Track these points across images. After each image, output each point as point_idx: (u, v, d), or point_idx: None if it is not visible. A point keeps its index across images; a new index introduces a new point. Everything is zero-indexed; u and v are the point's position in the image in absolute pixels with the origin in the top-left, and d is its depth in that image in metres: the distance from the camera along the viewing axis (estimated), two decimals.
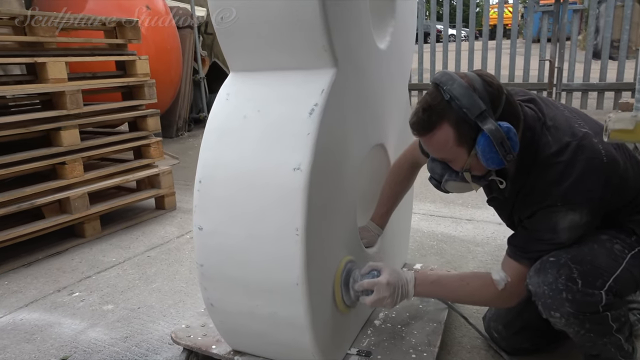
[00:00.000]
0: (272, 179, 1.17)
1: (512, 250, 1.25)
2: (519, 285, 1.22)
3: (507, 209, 1.30)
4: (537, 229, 1.19)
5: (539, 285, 1.16)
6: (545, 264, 1.16)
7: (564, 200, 1.12)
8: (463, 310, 1.72)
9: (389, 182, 1.67)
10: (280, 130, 1.20)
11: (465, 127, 1.11)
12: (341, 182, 1.32)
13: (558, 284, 1.13)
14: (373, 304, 1.32)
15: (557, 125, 1.17)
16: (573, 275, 1.12)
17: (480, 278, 1.30)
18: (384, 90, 1.60)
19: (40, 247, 2.64)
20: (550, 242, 1.17)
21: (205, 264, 1.28)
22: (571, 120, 1.19)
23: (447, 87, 1.10)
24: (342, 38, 1.24)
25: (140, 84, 3.06)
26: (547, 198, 1.14)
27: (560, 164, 1.12)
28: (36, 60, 2.42)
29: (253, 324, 1.29)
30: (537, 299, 1.18)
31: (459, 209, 3.08)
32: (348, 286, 1.35)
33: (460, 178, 1.23)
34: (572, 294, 1.12)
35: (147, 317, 1.93)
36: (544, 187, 1.14)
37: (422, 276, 1.36)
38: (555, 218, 1.14)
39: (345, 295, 1.35)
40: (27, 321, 1.94)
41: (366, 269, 1.36)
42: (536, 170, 1.16)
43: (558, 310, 1.14)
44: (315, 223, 1.17)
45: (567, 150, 1.13)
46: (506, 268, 1.26)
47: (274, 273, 1.18)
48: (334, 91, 1.22)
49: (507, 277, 1.24)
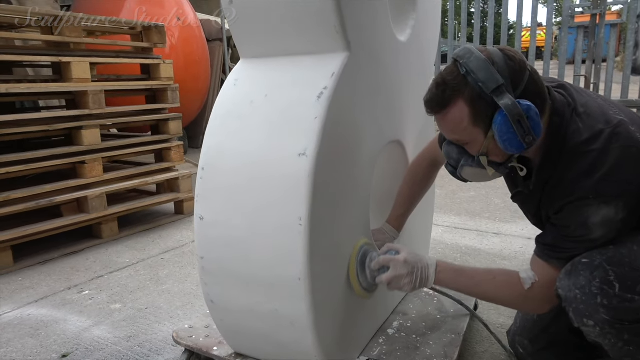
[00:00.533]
0: (276, 165, 1.10)
1: (541, 249, 1.13)
2: (547, 288, 1.10)
3: (534, 205, 1.18)
4: (566, 225, 1.07)
5: (569, 289, 1.03)
6: (577, 265, 1.04)
7: (597, 192, 1.00)
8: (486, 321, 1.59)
9: (406, 182, 1.58)
10: (287, 114, 1.13)
11: (482, 104, 1.02)
12: (352, 173, 1.24)
13: (592, 287, 1.00)
14: (389, 282, 1.22)
15: (589, 112, 1.06)
16: (609, 277, 0.99)
17: (508, 274, 1.18)
18: (402, 85, 1.52)
19: (57, 246, 2.65)
20: (582, 240, 1.05)
21: (205, 257, 1.21)
22: (605, 108, 1.08)
23: (464, 60, 1.02)
24: (355, 20, 1.17)
25: (164, 88, 3.07)
26: (578, 190, 1.02)
27: (592, 153, 1.01)
28: (61, 59, 2.46)
29: (254, 322, 1.20)
30: (567, 305, 1.05)
31: (486, 222, 2.93)
32: (364, 266, 1.28)
33: (476, 163, 1.13)
34: (609, 299, 0.99)
35: (154, 318, 1.87)
36: (574, 178, 1.03)
37: (446, 264, 1.25)
38: (586, 212, 1.02)
39: (361, 276, 1.28)
40: (34, 316, 1.92)
41: (384, 249, 1.29)
42: (564, 160, 1.05)
43: (592, 317, 1.01)
44: (321, 214, 1.09)
45: (600, 138, 1.01)
46: (535, 268, 1.14)
47: (275, 267, 1.10)
48: (346, 76, 1.14)
49: (535, 277, 1.12)
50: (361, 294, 1.30)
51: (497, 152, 1.08)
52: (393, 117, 1.49)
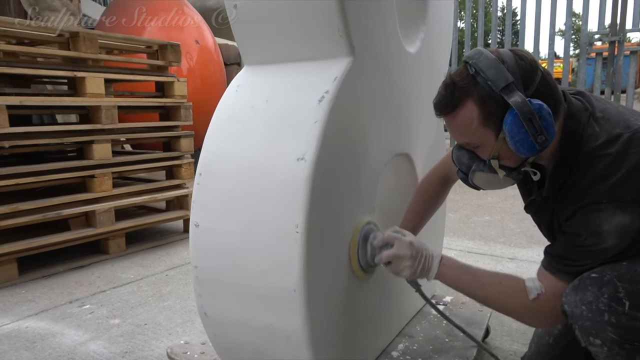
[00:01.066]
0: (274, 170, 1.06)
1: (548, 260, 1.05)
2: (553, 301, 1.01)
3: (547, 214, 1.10)
4: (577, 232, 0.99)
5: (576, 305, 0.95)
6: (585, 280, 0.96)
7: (611, 197, 0.93)
8: (497, 352, 1.50)
9: (415, 198, 1.52)
10: (287, 119, 1.10)
11: (492, 104, 0.98)
12: (354, 182, 1.19)
13: (599, 303, 0.92)
14: (390, 261, 1.15)
15: (607, 117, 1.00)
16: (619, 294, 0.91)
17: (514, 280, 1.10)
18: (411, 96, 1.48)
19: (63, 260, 2.63)
20: (593, 250, 0.97)
21: (200, 266, 1.17)
22: (626, 114, 1.01)
23: (474, 60, 0.99)
24: (360, 25, 1.14)
25: (177, 106, 3.09)
26: (591, 194, 0.95)
27: (608, 156, 0.95)
28: (76, 74, 2.49)
29: (248, 337, 1.14)
30: (573, 322, 0.96)
31: (501, 247, 2.83)
32: (367, 243, 1.22)
33: (488, 168, 1.07)
34: (617, 317, 0.90)
35: (152, 334, 1.82)
36: (588, 182, 0.96)
37: (451, 259, 1.19)
38: (599, 218, 0.94)
39: (361, 251, 1.21)
40: (32, 329, 1.88)
41: (391, 229, 1.24)
42: (579, 164, 0.99)
43: (599, 336, 0.92)
44: (320, 221, 1.04)
45: (617, 142, 0.95)
46: (541, 280, 1.06)
47: (270, 277, 1.05)
48: (349, 81, 1.11)
49: (542, 288, 1.04)
50: (358, 273, 1.23)
51: (509, 155, 1.03)
52: (400, 129, 1.45)
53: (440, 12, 1.69)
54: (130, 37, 2.90)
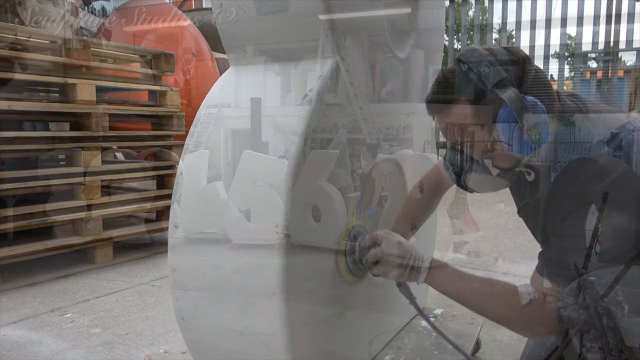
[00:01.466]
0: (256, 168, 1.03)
1: (542, 264, 1.02)
2: (546, 308, 0.98)
3: (541, 217, 1.07)
4: (571, 234, 0.96)
5: (573, 309, 0.91)
6: (582, 283, 0.93)
7: (607, 197, 0.90)
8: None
9: (405, 206, 1.48)
10: (271, 117, 1.07)
11: (484, 101, 0.95)
12: (337, 183, 1.16)
13: (598, 307, 0.88)
14: (378, 260, 1.10)
15: (602, 118, 0.98)
16: (618, 298, 0.88)
17: (506, 287, 1.06)
18: (400, 100, 1.47)
19: (49, 269, 2.57)
20: (590, 252, 0.93)
21: (177, 268, 1.13)
22: (621, 117, 0.99)
23: (466, 57, 0.97)
24: (346, 26, 1.13)
25: (169, 115, 3.07)
26: (586, 194, 0.92)
27: (602, 157, 0.92)
28: (67, 80, 2.47)
29: (225, 342, 1.10)
30: (570, 327, 0.92)
31: (494, 262, 2.79)
32: (355, 245, 1.18)
33: (481, 168, 1.03)
34: (616, 322, 0.87)
35: (133, 344, 1.76)
36: (583, 182, 0.94)
37: (441, 262, 1.13)
38: (595, 220, 0.91)
39: (349, 254, 1.17)
40: (9, 337, 1.82)
41: (381, 231, 1.18)
42: (574, 164, 0.96)
43: (597, 341, 0.89)
44: (301, 220, 1.01)
45: (612, 141, 0.93)
46: (535, 286, 1.02)
47: (248, 278, 1.01)
48: (334, 80, 1.09)
49: (535, 293, 1.00)
50: (347, 277, 1.19)
51: (502, 155, 1.00)
52: (388, 132, 1.42)
53: (431, 22, 1.69)
54: (124, 46, 2.90)
